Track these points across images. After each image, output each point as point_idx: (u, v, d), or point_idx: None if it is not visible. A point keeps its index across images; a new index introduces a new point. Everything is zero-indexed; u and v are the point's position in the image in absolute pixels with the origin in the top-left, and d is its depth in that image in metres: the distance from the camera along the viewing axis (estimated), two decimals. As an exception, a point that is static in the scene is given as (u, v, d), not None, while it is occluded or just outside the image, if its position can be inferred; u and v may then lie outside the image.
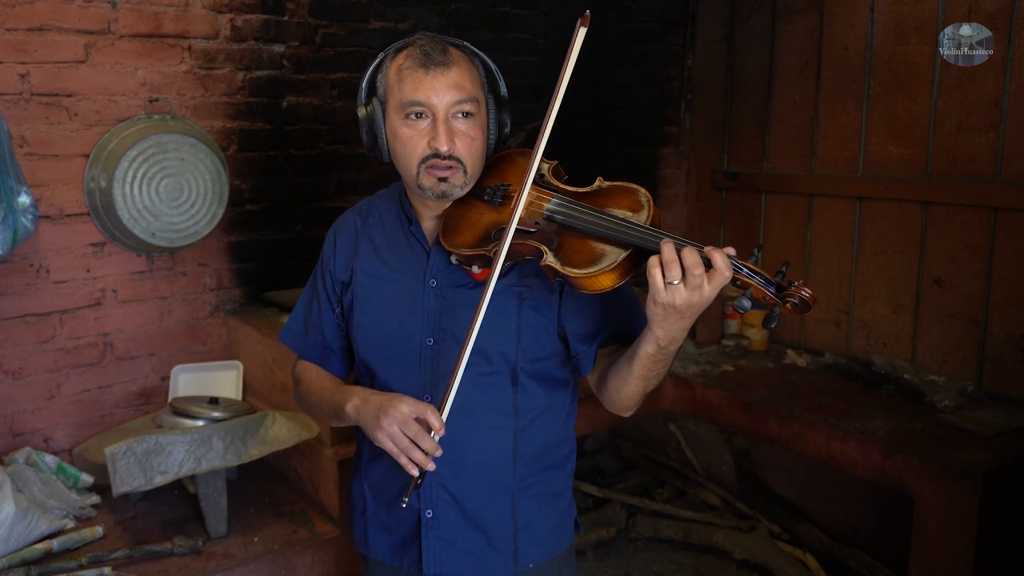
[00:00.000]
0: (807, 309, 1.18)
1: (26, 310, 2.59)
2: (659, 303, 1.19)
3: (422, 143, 1.38)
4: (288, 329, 1.67)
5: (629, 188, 1.35)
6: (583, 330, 1.45)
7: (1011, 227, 2.64)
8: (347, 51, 3.15)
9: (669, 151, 3.44)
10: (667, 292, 1.17)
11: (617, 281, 1.26)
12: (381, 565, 1.57)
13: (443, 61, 1.37)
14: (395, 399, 1.34)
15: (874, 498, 2.87)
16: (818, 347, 3.26)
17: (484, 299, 1.30)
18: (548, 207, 1.35)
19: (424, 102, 1.36)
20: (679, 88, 3.39)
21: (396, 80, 1.39)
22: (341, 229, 1.60)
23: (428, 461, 1.31)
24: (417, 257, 1.49)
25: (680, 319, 1.21)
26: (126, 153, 2.56)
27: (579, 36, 1.26)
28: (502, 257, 1.30)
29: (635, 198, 1.32)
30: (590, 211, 1.31)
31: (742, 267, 1.19)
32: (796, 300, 1.18)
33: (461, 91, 1.37)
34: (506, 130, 1.48)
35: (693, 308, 1.19)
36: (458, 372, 1.31)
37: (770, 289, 1.19)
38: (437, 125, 1.37)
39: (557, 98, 1.28)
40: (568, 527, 1.59)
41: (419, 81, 1.36)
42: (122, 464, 2.15)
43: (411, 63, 1.37)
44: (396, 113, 1.40)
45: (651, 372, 1.32)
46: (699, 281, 1.16)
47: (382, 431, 1.32)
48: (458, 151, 1.38)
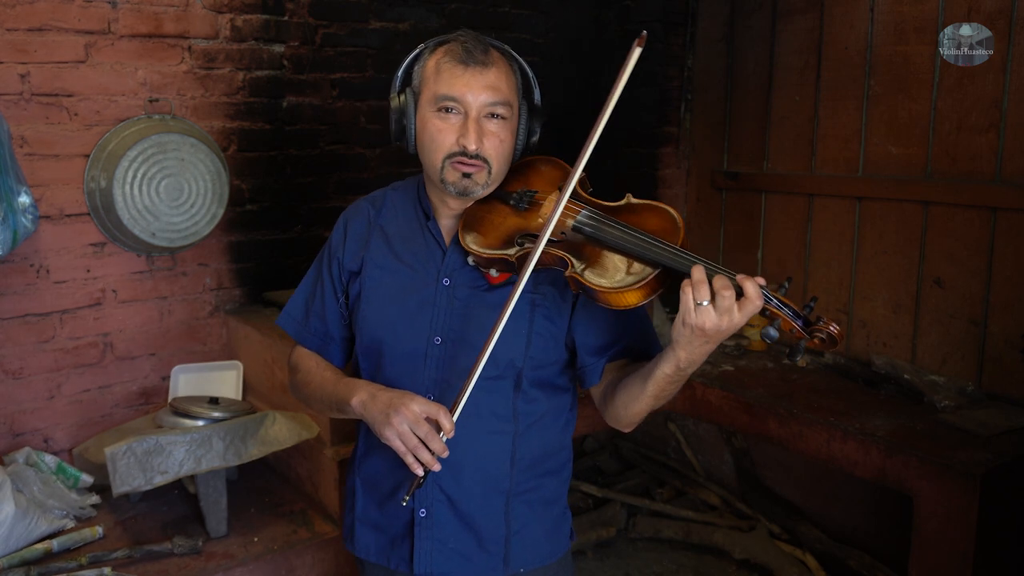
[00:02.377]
0: (834, 345, 1.18)
1: (26, 310, 2.59)
2: (688, 324, 1.18)
3: (451, 138, 1.38)
4: (287, 314, 1.63)
5: (660, 208, 1.35)
6: (594, 343, 1.44)
7: (1011, 227, 2.64)
8: (347, 51, 3.15)
9: (669, 151, 3.44)
10: (697, 314, 1.17)
11: (643, 299, 1.26)
12: (377, 567, 1.56)
13: (483, 60, 1.37)
14: (406, 397, 1.33)
15: (874, 498, 2.87)
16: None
17: (510, 303, 1.29)
18: (577, 218, 1.35)
19: (459, 98, 1.36)
20: (679, 88, 3.40)
21: (434, 73, 1.39)
22: (353, 217, 1.57)
23: (434, 462, 1.30)
24: (432, 254, 1.48)
25: (705, 343, 1.21)
26: (126, 153, 2.56)
27: (634, 56, 1.24)
28: (532, 264, 1.30)
29: (668, 219, 1.32)
30: (622, 227, 1.30)
31: (772, 298, 1.19)
32: (824, 336, 1.18)
33: (497, 93, 1.37)
34: (534, 138, 1.48)
35: (721, 333, 1.18)
36: (474, 375, 1.31)
37: (798, 322, 1.19)
38: (468, 123, 1.37)
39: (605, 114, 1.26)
40: (563, 534, 1.57)
41: (456, 77, 1.36)
42: (122, 464, 2.15)
43: (451, 58, 1.38)
44: (429, 105, 1.39)
45: (664, 392, 1.32)
46: (728, 304, 1.15)
47: (391, 428, 1.31)
48: (485, 151, 1.38)
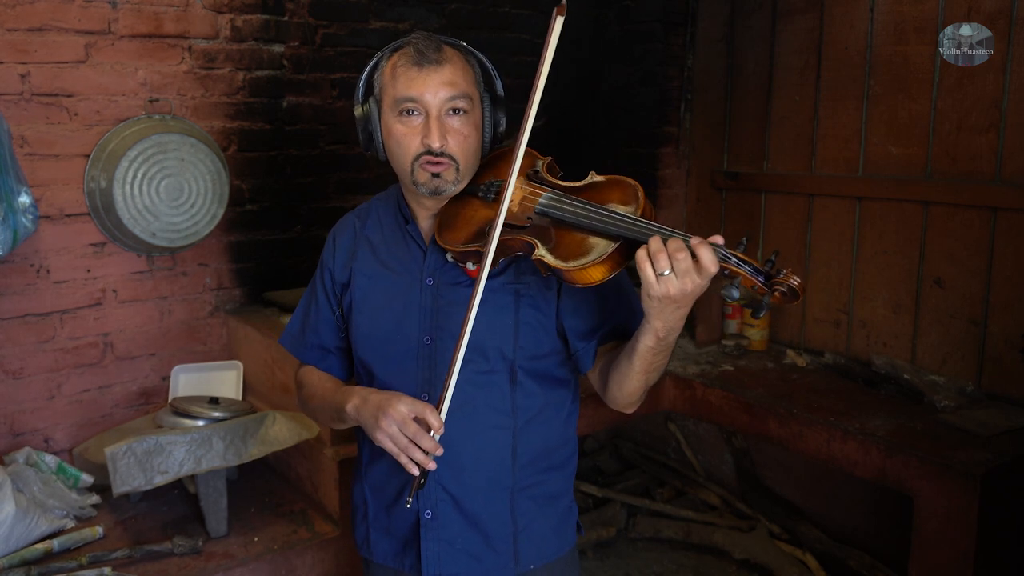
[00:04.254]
0: (796, 298, 1.17)
1: (26, 310, 2.59)
2: (653, 296, 1.19)
3: (416, 140, 1.39)
4: (287, 332, 1.68)
5: (621, 181, 1.35)
6: (582, 327, 1.45)
7: (1011, 227, 2.64)
8: (347, 51, 3.15)
9: (669, 151, 3.44)
10: (659, 284, 1.17)
11: (608, 273, 1.26)
12: (384, 568, 1.57)
13: (436, 59, 1.37)
14: (393, 398, 1.34)
15: (874, 498, 2.87)
16: (818, 347, 3.26)
17: (476, 295, 1.30)
18: (539, 202, 1.36)
19: (417, 98, 1.37)
20: (679, 88, 3.39)
21: (391, 78, 1.40)
22: (340, 232, 1.61)
23: (429, 460, 1.30)
24: (414, 256, 1.50)
25: (677, 308, 1.21)
26: (126, 153, 2.56)
27: (556, 26, 1.25)
28: (491, 251, 1.30)
29: (626, 190, 1.32)
30: (579, 204, 1.31)
31: (730, 256, 1.19)
32: (784, 288, 1.16)
33: (454, 88, 1.38)
34: (501, 129, 1.49)
35: (688, 296, 1.18)
36: (454, 370, 1.31)
37: (759, 278, 1.18)
38: (430, 122, 1.37)
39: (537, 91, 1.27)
40: (570, 529, 1.58)
41: (412, 78, 1.37)
42: (122, 464, 2.15)
43: (405, 61, 1.38)
44: (390, 110, 1.40)
45: (652, 365, 1.32)
46: (685, 266, 1.15)
47: (381, 431, 1.32)
48: (450, 148, 1.38)
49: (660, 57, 3.37)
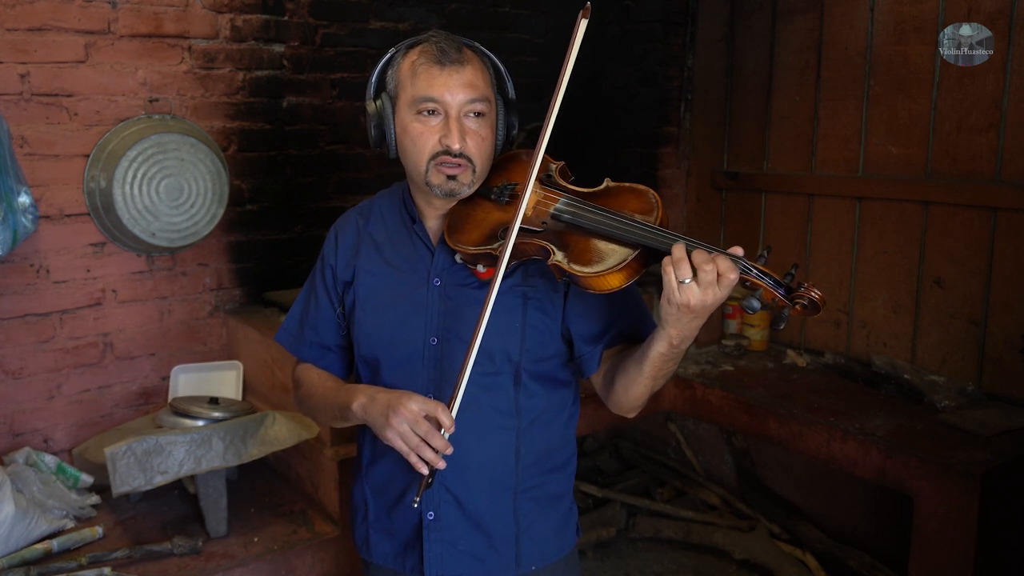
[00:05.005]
0: (816, 311, 1.17)
1: (26, 310, 2.59)
2: (673, 303, 1.19)
3: (433, 139, 1.38)
4: (284, 329, 1.65)
5: (638, 189, 1.35)
6: (589, 331, 1.44)
7: (1011, 227, 2.64)
8: (347, 51, 3.15)
9: (669, 151, 3.44)
10: (680, 292, 1.17)
11: (625, 281, 1.26)
12: (383, 570, 1.57)
13: (458, 59, 1.37)
14: (404, 397, 1.33)
15: (874, 498, 2.87)
16: (818, 347, 3.26)
17: (491, 297, 1.30)
18: (555, 207, 1.35)
19: (438, 99, 1.36)
20: (679, 88, 3.39)
21: (409, 75, 1.39)
22: (342, 228, 1.59)
23: (439, 459, 1.30)
24: (421, 256, 1.49)
25: (694, 318, 1.21)
26: (126, 153, 2.56)
27: (580, 28, 1.25)
28: (507, 254, 1.30)
29: (645, 199, 1.32)
30: (599, 211, 1.31)
31: (751, 268, 1.19)
32: (805, 302, 1.17)
33: (475, 90, 1.38)
34: (514, 131, 1.49)
35: (707, 308, 1.18)
36: (466, 370, 1.30)
37: (779, 291, 1.18)
38: (450, 123, 1.37)
39: (559, 94, 1.28)
40: (570, 531, 1.58)
41: (433, 77, 1.36)
42: (122, 464, 2.15)
43: (425, 59, 1.37)
44: (407, 108, 1.39)
45: (661, 371, 1.32)
46: (710, 278, 1.15)
47: (391, 429, 1.31)
48: (469, 150, 1.38)
49: (660, 57, 3.36)
